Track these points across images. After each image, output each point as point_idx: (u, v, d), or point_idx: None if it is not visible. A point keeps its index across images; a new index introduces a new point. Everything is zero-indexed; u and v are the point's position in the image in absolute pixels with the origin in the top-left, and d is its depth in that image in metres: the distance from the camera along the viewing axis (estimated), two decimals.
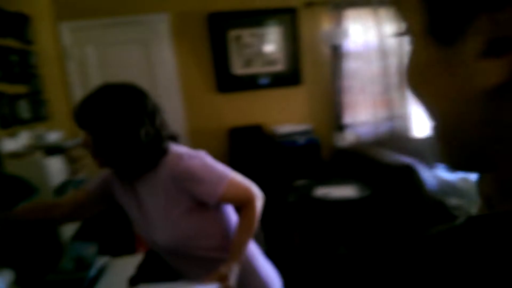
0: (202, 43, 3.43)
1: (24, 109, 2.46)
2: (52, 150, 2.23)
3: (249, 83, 3.55)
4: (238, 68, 3.51)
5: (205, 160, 1.22)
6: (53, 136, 2.49)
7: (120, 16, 3.28)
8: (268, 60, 3.53)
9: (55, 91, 2.99)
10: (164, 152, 1.20)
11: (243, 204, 1.26)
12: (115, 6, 3.27)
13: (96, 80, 3.36)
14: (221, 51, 3.45)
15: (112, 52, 3.36)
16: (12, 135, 2.24)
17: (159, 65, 3.41)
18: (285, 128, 3.41)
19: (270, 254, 1.49)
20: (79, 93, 3.36)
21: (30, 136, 2.30)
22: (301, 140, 3.34)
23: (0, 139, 2.08)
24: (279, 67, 3.55)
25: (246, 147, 3.46)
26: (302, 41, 3.55)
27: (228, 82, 3.51)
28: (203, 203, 1.21)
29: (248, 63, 3.52)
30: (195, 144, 3.53)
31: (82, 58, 3.33)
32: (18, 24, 2.56)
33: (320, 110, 3.67)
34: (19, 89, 2.48)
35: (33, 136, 2.33)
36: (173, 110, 3.46)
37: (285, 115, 3.62)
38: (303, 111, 3.65)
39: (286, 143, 3.33)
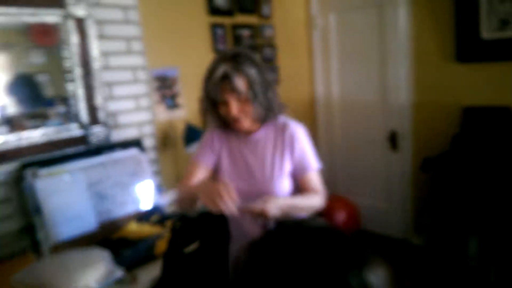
0: (444, 2, 2.86)
1: None
2: None
3: (504, 51, 2.68)
4: (489, 31, 2.71)
5: (306, 134, 1.51)
6: None
7: None
8: None
9: (286, 59, 3.44)
10: (278, 111, 1.47)
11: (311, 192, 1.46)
12: None
13: (334, 45, 3.55)
14: (468, 10, 2.76)
15: (350, 18, 3.41)
16: None
17: (391, 28, 3.16)
18: None
19: None
20: (319, 60, 3.67)
21: None
22: None
23: None
24: None
25: (485, 133, 2.74)
26: None
27: (473, 50, 2.79)
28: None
29: (503, 24, 2.64)
30: (418, 118, 3.14)
31: (325, 25, 3.58)
32: (257, 2, 3.13)
33: None
34: None
35: None
36: (398, 78, 3.18)
37: None
38: None
39: None
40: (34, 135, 1.91)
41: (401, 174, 3.33)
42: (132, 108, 2.31)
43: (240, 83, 1.33)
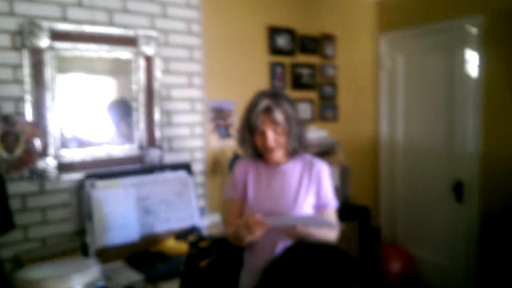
0: None
1: (304, 111, 3.18)
2: None
3: None
4: None
5: (330, 173, 1.65)
6: (317, 133, 3.06)
7: (429, 24, 3.18)
8: None
9: (347, 98, 3.46)
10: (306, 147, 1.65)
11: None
12: (428, 13, 3.19)
13: (401, 87, 3.48)
14: None
15: (419, 61, 3.34)
16: None
17: (460, 74, 3.02)
18: None
19: None
20: (385, 101, 3.62)
21: None
22: None
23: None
24: None
25: None
26: None
27: None
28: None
29: None
30: (486, 169, 2.90)
31: (392, 67, 3.54)
32: (321, 44, 3.25)
33: None
34: (309, 95, 3.21)
35: None
36: (466, 125, 3.00)
37: None
38: None
39: None
40: (98, 152, 2.23)
41: (465, 229, 3.07)
42: (186, 135, 2.56)
43: (279, 116, 1.51)
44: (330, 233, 1.57)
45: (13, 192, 1.95)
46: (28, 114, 1.97)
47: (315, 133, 3.05)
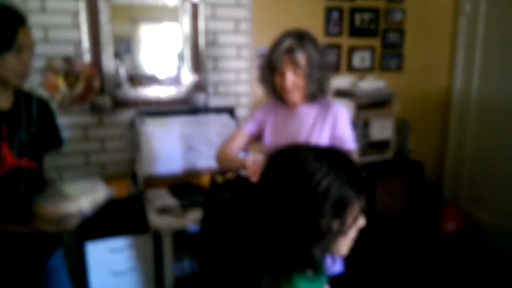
0: None
1: (362, 59, 3.04)
2: (342, 93, 2.78)
3: None
4: None
5: (348, 117, 1.64)
6: (373, 84, 2.92)
7: None
8: None
9: (416, 46, 3.18)
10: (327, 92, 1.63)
11: None
12: None
13: (481, 36, 3.09)
14: None
15: (504, 4, 2.89)
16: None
17: None
18: None
19: None
20: (462, 52, 3.26)
21: (342, 81, 2.92)
22: None
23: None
24: None
25: None
26: None
27: None
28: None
29: None
30: None
31: (473, 11, 3.12)
32: None
33: None
34: (370, 42, 3.04)
35: (346, 81, 2.92)
36: None
37: None
38: None
39: None
40: (149, 92, 2.48)
41: None
42: (232, 80, 2.67)
43: (301, 58, 1.49)
44: None
45: (76, 122, 2.32)
46: (86, 56, 2.27)
47: (370, 83, 2.91)
